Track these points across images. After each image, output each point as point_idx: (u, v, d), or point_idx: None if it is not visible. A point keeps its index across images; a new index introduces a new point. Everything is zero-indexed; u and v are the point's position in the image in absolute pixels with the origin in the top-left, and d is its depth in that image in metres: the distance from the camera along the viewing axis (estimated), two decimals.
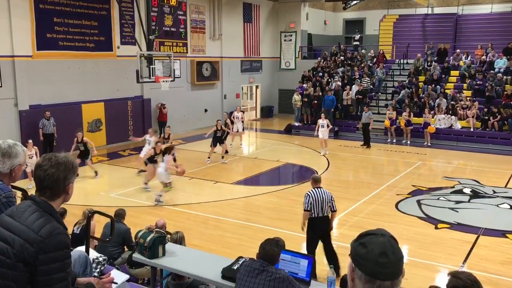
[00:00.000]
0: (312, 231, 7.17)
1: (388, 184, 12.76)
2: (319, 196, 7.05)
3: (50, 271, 2.31)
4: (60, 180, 2.45)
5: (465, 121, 18.73)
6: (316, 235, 7.16)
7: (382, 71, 22.56)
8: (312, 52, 28.09)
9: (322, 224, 7.14)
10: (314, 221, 7.11)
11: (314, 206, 7.04)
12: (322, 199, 7.05)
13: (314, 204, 7.04)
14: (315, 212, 7.06)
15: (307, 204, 7.06)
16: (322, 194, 7.09)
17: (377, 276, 1.61)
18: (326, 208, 7.11)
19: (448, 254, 8.19)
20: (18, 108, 15.18)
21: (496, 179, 13.19)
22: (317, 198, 7.04)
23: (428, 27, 26.49)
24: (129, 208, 9.12)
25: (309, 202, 7.05)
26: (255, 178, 14.01)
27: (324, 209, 7.09)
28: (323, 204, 7.06)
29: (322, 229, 7.17)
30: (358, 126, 19.19)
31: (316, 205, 7.04)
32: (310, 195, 7.08)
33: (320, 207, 7.05)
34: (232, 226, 9.75)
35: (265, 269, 3.89)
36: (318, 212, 7.07)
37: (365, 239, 1.67)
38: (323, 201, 7.06)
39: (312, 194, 7.07)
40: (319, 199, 7.04)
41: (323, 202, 7.06)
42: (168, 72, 16.48)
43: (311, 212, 7.06)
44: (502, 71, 20.11)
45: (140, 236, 4.97)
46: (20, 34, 15.01)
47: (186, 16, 21.37)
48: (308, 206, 7.05)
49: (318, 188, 7.18)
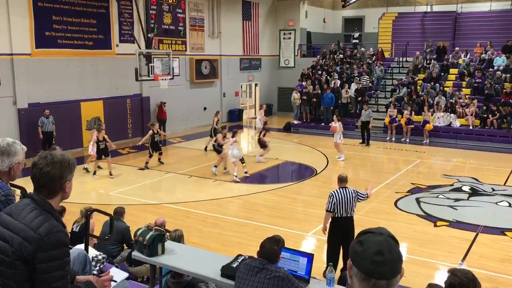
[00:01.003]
0: (334, 232, 6.95)
1: (387, 182, 12.77)
2: (343, 196, 6.84)
3: (49, 269, 2.31)
4: (56, 179, 2.44)
5: (464, 119, 18.74)
6: (338, 237, 6.91)
7: (381, 69, 22.55)
8: (311, 50, 28.06)
9: (345, 225, 6.90)
10: (338, 221, 6.90)
11: (338, 206, 6.83)
12: (346, 199, 6.83)
13: (338, 205, 6.82)
14: (338, 212, 6.85)
15: (330, 204, 6.85)
16: (346, 194, 6.86)
17: (372, 275, 1.60)
18: (351, 208, 6.90)
19: (447, 252, 8.20)
20: (17, 106, 15.16)
21: (495, 177, 13.20)
22: (341, 198, 6.82)
23: (427, 25, 26.46)
24: (128, 206, 9.11)
25: (333, 203, 6.83)
26: (254, 176, 14.00)
27: (349, 209, 6.88)
28: (348, 204, 6.84)
29: (345, 231, 6.89)
30: (357, 124, 19.18)
31: (341, 205, 6.83)
32: (334, 195, 6.86)
33: (344, 208, 6.83)
34: (231, 224, 9.75)
35: (265, 267, 3.89)
36: (342, 212, 6.86)
37: (363, 237, 1.67)
38: (348, 201, 6.84)
39: (336, 194, 6.86)
40: (344, 199, 6.82)
41: (348, 202, 6.84)
42: (167, 70, 16.46)
43: (335, 212, 6.86)
44: (501, 69, 20.11)
45: (139, 234, 4.97)
46: (18, 32, 14.99)
47: (185, 14, 21.33)
48: (331, 207, 6.84)
49: (344, 188, 6.95)
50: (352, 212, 6.95)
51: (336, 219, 6.89)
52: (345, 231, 6.88)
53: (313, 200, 11.31)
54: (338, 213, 6.84)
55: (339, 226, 6.89)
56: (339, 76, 22.52)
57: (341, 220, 6.87)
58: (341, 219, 6.86)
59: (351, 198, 6.85)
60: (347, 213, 6.88)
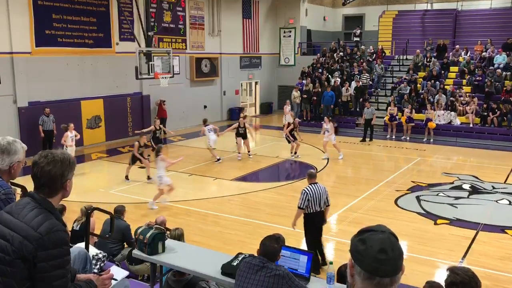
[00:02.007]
0: (311, 226, 7.25)
1: (387, 180, 12.77)
2: (315, 192, 7.12)
3: (49, 268, 2.32)
4: (57, 177, 2.44)
5: (464, 117, 18.72)
6: (314, 230, 7.26)
7: (381, 67, 22.54)
8: (311, 48, 28.04)
9: (319, 219, 7.26)
10: (313, 216, 7.18)
11: (312, 202, 7.09)
12: (319, 194, 7.14)
13: (312, 201, 7.09)
14: (312, 208, 7.12)
15: (303, 201, 7.10)
16: (318, 189, 7.17)
17: (376, 273, 1.61)
18: (323, 203, 7.22)
19: (447, 250, 8.20)
20: (17, 105, 15.16)
21: (495, 175, 13.20)
22: (314, 194, 7.10)
23: (427, 23, 26.42)
24: (129, 205, 9.12)
25: (307, 199, 7.08)
26: (254, 174, 14.01)
27: (321, 204, 7.19)
28: (321, 199, 7.16)
29: (319, 224, 7.30)
30: (357, 122, 19.16)
31: (314, 201, 7.10)
32: (308, 192, 7.11)
33: (318, 203, 7.13)
34: (231, 222, 9.76)
35: (265, 265, 3.89)
36: (316, 207, 7.14)
37: (364, 236, 1.67)
38: (320, 196, 7.15)
39: (309, 191, 7.11)
40: (316, 195, 7.11)
41: (320, 197, 7.14)
42: (167, 68, 16.44)
43: (309, 208, 7.11)
44: (501, 67, 20.10)
45: (140, 232, 4.97)
46: (18, 31, 14.98)
47: (185, 12, 21.32)
48: (304, 204, 7.09)
49: (315, 184, 7.24)
50: (324, 206, 7.26)
51: (310, 214, 7.18)
52: (318, 225, 7.28)
53: None
54: (312, 208, 7.13)
55: (313, 221, 7.21)
56: (340, 74, 22.50)
57: (315, 215, 7.17)
58: (315, 214, 7.17)
59: (322, 193, 7.18)
60: (320, 208, 7.19)
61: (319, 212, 7.20)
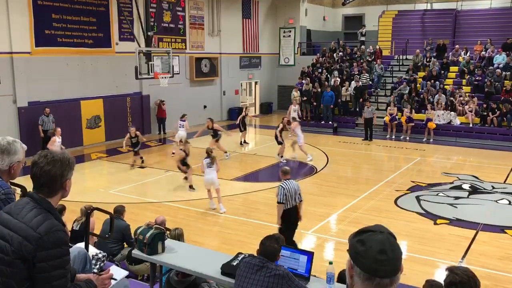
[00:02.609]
0: (289, 221, 7.51)
1: (387, 180, 12.77)
2: (291, 187, 7.38)
3: (49, 268, 2.31)
4: (57, 177, 2.44)
5: (464, 117, 18.72)
6: (291, 224, 7.54)
7: (381, 66, 22.54)
8: (311, 48, 28.03)
9: (294, 214, 7.54)
10: (290, 211, 7.44)
11: (289, 197, 7.36)
12: (293, 190, 7.41)
13: (288, 195, 7.35)
14: (289, 203, 7.38)
15: (281, 196, 7.30)
16: (292, 185, 7.45)
17: (376, 274, 1.61)
18: (297, 198, 7.51)
19: (447, 250, 8.21)
20: (16, 105, 15.16)
21: (495, 175, 13.20)
22: (290, 189, 7.36)
23: (427, 22, 26.43)
24: (129, 205, 9.12)
25: (284, 193, 7.30)
26: (254, 174, 14.01)
27: (296, 199, 7.50)
28: (295, 195, 7.45)
29: (294, 220, 7.56)
30: (357, 122, 19.16)
31: (290, 196, 7.38)
32: (285, 186, 7.34)
33: (293, 198, 7.42)
34: (231, 222, 9.76)
35: (265, 265, 3.89)
36: (292, 203, 7.41)
37: (363, 236, 1.66)
38: (295, 192, 7.44)
39: (286, 186, 7.35)
40: (292, 191, 7.38)
41: (295, 193, 7.44)
42: (167, 68, 16.44)
43: (287, 203, 7.35)
44: (501, 66, 20.10)
45: (140, 232, 4.97)
46: (18, 31, 14.97)
47: (184, 12, 21.31)
48: (283, 198, 7.30)
49: (288, 180, 7.50)
50: (297, 202, 7.53)
51: (288, 210, 7.42)
52: (294, 220, 7.56)
53: (312, 198, 11.30)
54: (288, 204, 7.38)
55: (290, 217, 7.48)
56: (339, 74, 22.49)
57: (290, 210, 7.43)
58: (291, 209, 7.43)
59: (296, 188, 7.48)
60: (295, 202, 7.48)
61: (294, 207, 7.49)
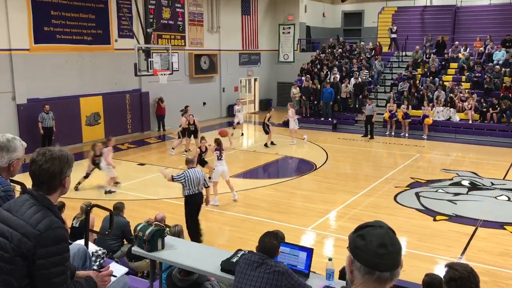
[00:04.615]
0: (189, 206, 8.18)
1: (386, 176, 12.78)
2: (193, 175, 8.06)
3: (49, 265, 2.31)
4: (55, 175, 2.44)
5: (463, 113, 18.73)
6: (193, 210, 8.16)
7: (381, 63, 22.51)
8: (310, 45, 27.98)
9: (197, 200, 8.23)
10: (191, 197, 8.13)
11: (191, 184, 8.04)
12: (196, 178, 8.08)
13: (191, 183, 8.03)
14: (192, 189, 8.07)
15: (179, 177, 8.03)
16: (196, 173, 8.12)
17: (377, 267, 1.62)
18: (201, 186, 8.20)
19: (446, 246, 8.22)
20: (16, 102, 15.13)
21: (494, 171, 13.21)
22: (193, 177, 8.04)
23: (426, 19, 26.38)
24: (128, 202, 9.13)
25: (183, 178, 8.01)
26: (253, 171, 14.01)
27: (199, 187, 8.17)
28: (199, 182, 8.13)
29: (196, 204, 8.25)
30: (356, 119, 19.16)
31: (193, 183, 8.05)
32: (187, 174, 8.04)
33: (195, 185, 8.08)
34: (230, 219, 9.77)
35: (264, 262, 3.89)
36: (194, 189, 8.10)
37: (363, 231, 1.67)
38: (199, 180, 8.11)
39: (188, 174, 8.04)
40: (194, 178, 8.05)
41: (199, 180, 8.12)
42: (166, 65, 16.42)
43: (188, 189, 8.06)
44: (500, 63, 20.08)
45: (139, 229, 4.97)
46: (17, 27, 14.94)
47: (184, 9, 21.26)
48: (181, 179, 8.01)
49: (192, 168, 8.21)
50: (201, 189, 8.25)
51: (191, 196, 8.12)
52: (198, 206, 8.27)
53: (312, 195, 11.33)
54: (191, 190, 8.08)
55: (194, 203, 8.18)
56: (339, 70, 22.47)
57: (194, 196, 8.15)
58: (195, 195, 8.14)
59: (200, 177, 8.15)
60: (198, 190, 8.17)
61: (198, 194, 8.19)
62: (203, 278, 4.80)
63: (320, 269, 6.84)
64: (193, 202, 8.19)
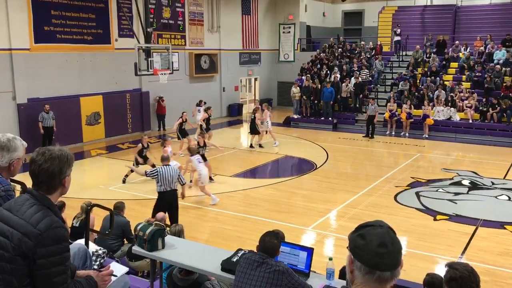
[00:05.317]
0: (159, 202, 8.15)
1: (387, 176, 12.78)
2: (167, 172, 8.03)
3: (49, 265, 2.32)
4: (55, 174, 2.43)
5: (464, 113, 18.72)
6: (164, 206, 7.99)
7: (381, 63, 22.51)
8: (311, 44, 27.98)
9: (170, 197, 8.16)
10: (164, 195, 8.09)
11: (164, 181, 8.02)
12: (170, 175, 8.04)
13: (163, 180, 8.01)
14: (165, 186, 8.04)
15: (152, 173, 8.09)
16: (170, 171, 8.06)
17: (377, 267, 1.62)
18: (174, 183, 8.14)
19: (446, 246, 8.22)
20: (16, 102, 15.14)
21: (494, 171, 13.21)
22: (166, 174, 8.02)
23: (427, 18, 26.37)
24: (129, 201, 9.13)
25: (156, 173, 8.03)
26: (253, 170, 14.01)
27: (172, 184, 8.11)
28: (172, 180, 8.08)
29: (169, 202, 8.15)
30: (357, 118, 19.15)
31: (166, 180, 8.02)
32: (160, 171, 8.04)
33: (168, 182, 8.05)
34: (231, 218, 9.77)
35: (265, 261, 3.89)
36: (166, 186, 8.06)
37: (363, 231, 1.67)
38: (172, 178, 8.06)
39: (162, 171, 8.04)
40: (168, 175, 8.02)
41: (172, 178, 8.06)
42: (166, 64, 16.41)
43: (160, 186, 8.04)
44: (501, 62, 20.07)
45: (140, 229, 4.97)
46: (17, 27, 14.94)
47: (184, 9, 21.26)
48: (154, 175, 8.04)
49: (167, 165, 8.17)
50: (175, 186, 8.18)
51: (163, 193, 8.09)
52: (169, 203, 8.14)
53: (312, 194, 11.33)
54: (164, 187, 8.05)
55: (165, 199, 8.11)
56: (339, 70, 22.46)
57: (167, 194, 8.09)
58: (167, 193, 8.08)
59: (174, 174, 8.09)
60: (171, 187, 8.11)
61: (171, 192, 8.13)
62: (204, 277, 4.80)
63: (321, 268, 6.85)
64: (164, 199, 8.17)
